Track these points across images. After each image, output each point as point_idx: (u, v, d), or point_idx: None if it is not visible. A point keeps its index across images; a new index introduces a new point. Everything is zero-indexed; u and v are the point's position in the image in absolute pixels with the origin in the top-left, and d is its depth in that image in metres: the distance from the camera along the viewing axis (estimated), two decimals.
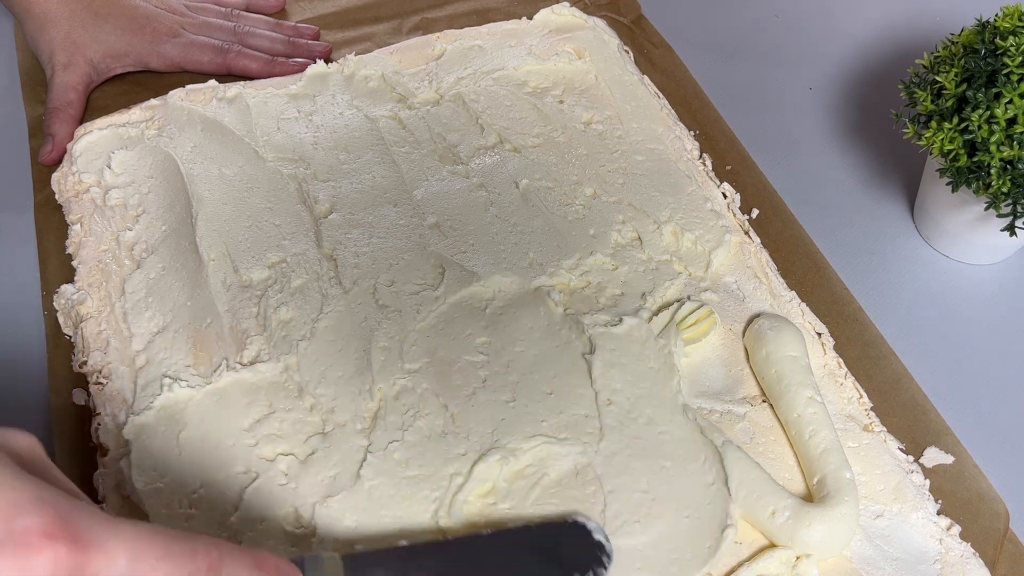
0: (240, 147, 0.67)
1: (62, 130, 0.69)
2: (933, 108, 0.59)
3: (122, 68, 0.75)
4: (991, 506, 0.52)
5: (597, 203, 0.65)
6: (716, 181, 0.68)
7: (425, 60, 0.75)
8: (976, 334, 0.62)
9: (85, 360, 0.57)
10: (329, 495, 0.50)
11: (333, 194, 0.65)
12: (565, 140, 0.69)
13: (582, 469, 0.52)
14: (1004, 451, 0.56)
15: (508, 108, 0.71)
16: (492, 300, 0.59)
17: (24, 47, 0.77)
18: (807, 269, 0.64)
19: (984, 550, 0.51)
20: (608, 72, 0.74)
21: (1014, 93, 0.54)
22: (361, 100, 0.71)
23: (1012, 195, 0.55)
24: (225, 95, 0.71)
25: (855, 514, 0.49)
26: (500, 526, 0.49)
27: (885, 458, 0.54)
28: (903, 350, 0.59)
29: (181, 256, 0.61)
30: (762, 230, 0.65)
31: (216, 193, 0.64)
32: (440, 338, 0.57)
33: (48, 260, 0.64)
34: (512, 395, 0.55)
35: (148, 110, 0.70)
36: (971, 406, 0.58)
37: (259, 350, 0.56)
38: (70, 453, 0.54)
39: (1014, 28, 0.57)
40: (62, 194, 0.66)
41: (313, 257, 0.61)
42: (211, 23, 0.77)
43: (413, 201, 0.65)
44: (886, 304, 0.63)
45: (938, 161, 0.58)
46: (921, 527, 0.51)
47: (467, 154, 0.68)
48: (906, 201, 0.69)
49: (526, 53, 0.75)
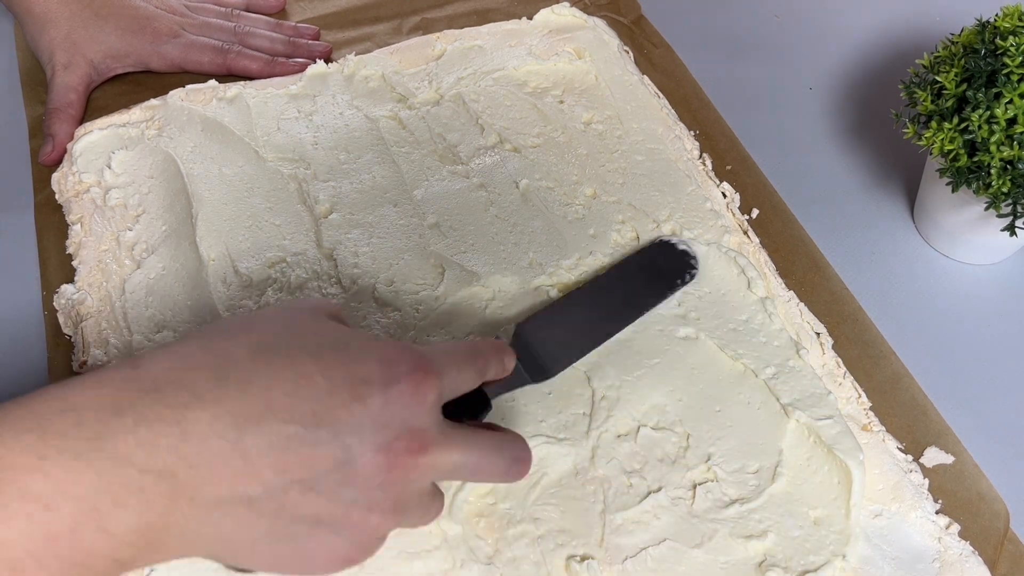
0: (240, 147, 0.68)
1: (62, 130, 0.69)
2: (933, 108, 0.59)
3: (122, 68, 0.75)
4: (991, 506, 0.52)
5: (597, 203, 0.65)
6: (716, 181, 0.68)
7: (425, 60, 0.75)
8: (976, 334, 0.62)
9: (85, 360, 0.57)
10: None
11: (333, 194, 0.65)
12: (565, 140, 0.69)
13: (582, 469, 0.52)
14: (1004, 451, 0.56)
15: (508, 108, 0.71)
16: (492, 300, 0.59)
17: (24, 47, 0.77)
18: (807, 269, 0.64)
19: (984, 550, 0.51)
20: (608, 72, 0.74)
21: (1014, 93, 0.54)
22: (361, 100, 0.71)
23: (1012, 195, 0.55)
24: (225, 95, 0.71)
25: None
26: (502, 525, 0.49)
27: (884, 458, 0.54)
28: (903, 350, 0.59)
29: (181, 256, 0.61)
30: (762, 230, 0.65)
31: (216, 193, 0.64)
32: (440, 338, 0.57)
33: (48, 260, 0.64)
34: (512, 395, 0.55)
35: (148, 110, 0.70)
36: (971, 406, 0.58)
37: None
38: None
39: (1014, 28, 0.57)
40: (62, 194, 0.66)
41: (313, 257, 0.61)
42: (211, 23, 0.77)
43: (413, 201, 0.65)
44: (886, 304, 0.63)
45: (938, 161, 0.58)
46: (920, 526, 0.51)
47: (467, 154, 0.68)
48: (906, 201, 0.69)
49: (526, 53, 0.75)
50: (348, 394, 0.38)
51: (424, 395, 0.39)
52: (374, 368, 0.39)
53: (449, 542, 0.49)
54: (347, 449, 0.37)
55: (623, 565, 0.49)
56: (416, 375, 0.39)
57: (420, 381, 0.39)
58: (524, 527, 0.50)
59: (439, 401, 0.40)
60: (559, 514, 0.50)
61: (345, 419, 0.37)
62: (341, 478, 0.37)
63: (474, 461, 0.41)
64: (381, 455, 0.38)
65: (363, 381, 0.38)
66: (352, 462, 0.37)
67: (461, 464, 0.41)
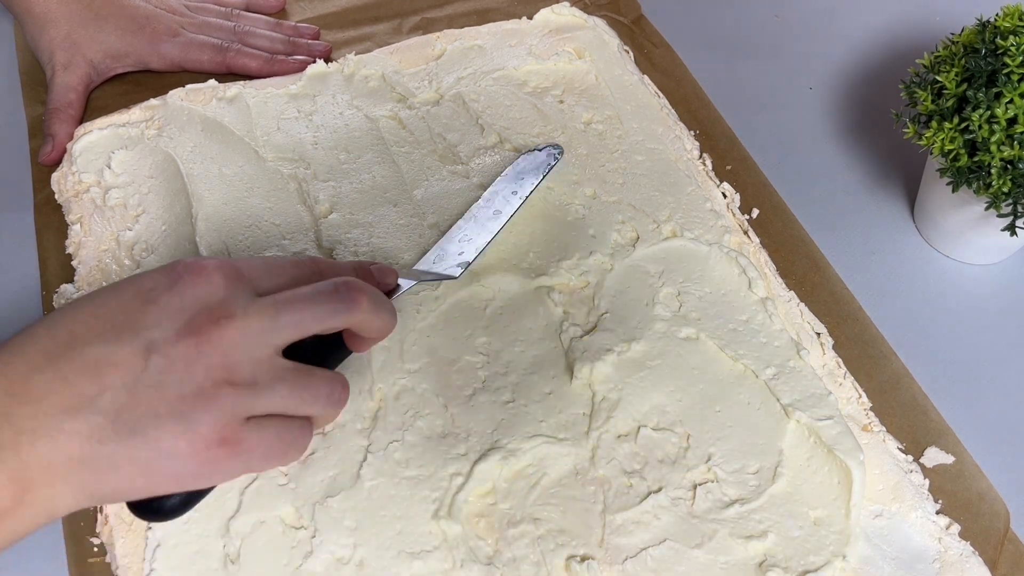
0: (240, 147, 0.67)
1: (62, 130, 0.69)
2: (933, 108, 0.58)
3: (122, 68, 0.75)
4: (991, 506, 0.52)
5: (597, 203, 0.65)
6: (716, 181, 0.68)
7: (425, 60, 0.75)
8: (976, 334, 0.62)
9: None
10: (329, 495, 0.51)
11: (333, 194, 0.65)
12: (565, 140, 0.69)
13: (582, 469, 0.52)
14: (1004, 451, 0.56)
15: (508, 108, 0.71)
16: (492, 300, 0.59)
17: (24, 47, 0.77)
18: (807, 269, 0.64)
19: (984, 550, 0.51)
20: (608, 72, 0.74)
21: (1014, 93, 0.54)
22: (361, 100, 0.71)
23: (1012, 195, 0.55)
24: (225, 95, 0.71)
25: None
26: (502, 525, 0.50)
27: (884, 458, 0.54)
28: (903, 350, 0.59)
29: (181, 256, 0.61)
30: (762, 230, 0.65)
31: (216, 193, 0.64)
32: (440, 338, 0.57)
33: (48, 260, 0.64)
34: (512, 395, 0.55)
35: (148, 110, 0.70)
36: (971, 406, 0.58)
37: None
38: None
39: (1014, 28, 0.57)
40: (62, 194, 0.66)
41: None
42: (211, 23, 0.77)
43: (413, 201, 0.65)
44: (886, 304, 0.63)
45: (938, 161, 0.58)
46: (920, 526, 0.51)
47: (467, 154, 0.68)
48: (906, 201, 0.69)
49: (526, 53, 0.75)
50: (140, 302, 0.39)
51: (209, 276, 0.40)
52: (157, 275, 0.41)
53: (449, 542, 0.49)
54: (151, 343, 0.38)
55: (623, 565, 0.49)
56: (196, 265, 0.41)
57: (201, 268, 0.40)
58: (524, 527, 0.50)
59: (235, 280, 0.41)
60: (559, 514, 0.50)
61: (142, 320, 0.39)
62: (159, 370, 0.38)
63: (289, 313, 0.41)
64: (185, 335, 0.38)
65: (150, 288, 0.40)
66: (160, 350, 0.38)
67: (275, 319, 0.40)
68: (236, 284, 0.41)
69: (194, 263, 0.41)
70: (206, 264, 0.41)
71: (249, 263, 0.43)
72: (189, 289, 0.40)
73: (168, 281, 0.40)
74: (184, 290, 0.40)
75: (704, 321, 0.58)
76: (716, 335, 0.57)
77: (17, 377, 0.37)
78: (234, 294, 0.40)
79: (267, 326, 0.40)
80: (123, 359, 0.38)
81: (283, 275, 0.43)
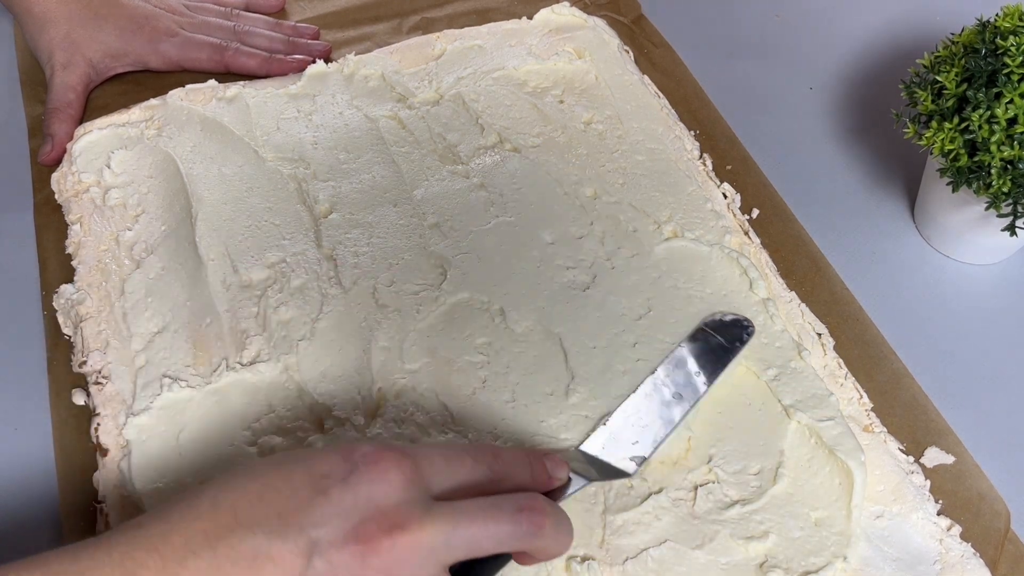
0: (240, 147, 0.67)
1: (62, 130, 0.69)
2: (933, 108, 0.58)
3: (122, 68, 0.75)
4: (992, 506, 0.52)
5: (597, 203, 0.65)
6: (716, 181, 0.68)
7: (425, 60, 0.75)
8: (977, 334, 0.62)
9: (85, 360, 0.56)
10: None
11: (333, 194, 0.65)
12: (565, 140, 0.69)
13: None
14: (1004, 451, 0.56)
15: (508, 108, 0.71)
16: (492, 300, 0.59)
17: (24, 47, 0.77)
18: (807, 269, 0.64)
19: (985, 550, 0.51)
20: (608, 72, 0.74)
21: (1015, 93, 0.54)
22: (361, 100, 0.71)
23: (1012, 195, 0.55)
24: (225, 95, 0.71)
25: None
26: None
27: (885, 459, 0.53)
28: (903, 350, 0.59)
29: (180, 256, 0.61)
30: (762, 230, 0.65)
31: (216, 193, 0.64)
32: (440, 338, 0.57)
33: (48, 260, 0.64)
34: (512, 395, 0.55)
35: (148, 110, 0.70)
36: (971, 406, 0.58)
37: (259, 350, 0.56)
38: (70, 454, 0.54)
39: (1014, 28, 0.57)
40: (62, 194, 0.66)
41: (313, 257, 0.61)
42: (210, 22, 0.77)
43: (413, 201, 0.65)
44: (886, 304, 0.63)
45: (938, 161, 0.58)
46: (921, 527, 0.51)
47: (467, 154, 0.68)
48: (906, 201, 0.69)
49: (526, 53, 0.75)
50: (310, 491, 0.37)
51: (385, 472, 0.38)
52: (334, 460, 0.38)
53: None
54: (314, 543, 0.36)
55: (624, 566, 0.49)
56: (375, 455, 0.38)
57: (379, 459, 0.38)
58: None
59: (412, 480, 0.38)
60: None
61: (309, 514, 0.37)
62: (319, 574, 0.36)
63: (466, 530, 0.38)
64: (352, 541, 0.36)
65: (323, 476, 0.38)
66: (323, 554, 0.36)
67: (451, 536, 0.38)
68: (413, 485, 0.38)
69: (372, 452, 0.39)
70: (384, 455, 0.38)
71: (428, 456, 0.40)
72: (364, 485, 0.37)
73: (343, 471, 0.38)
74: (359, 485, 0.37)
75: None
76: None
77: (173, 558, 0.36)
78: (410, 498, 0.38)
79: (439, 544, 0.38)
80: (283, 556, 0.36)
81: (461, 471, 0.41)
